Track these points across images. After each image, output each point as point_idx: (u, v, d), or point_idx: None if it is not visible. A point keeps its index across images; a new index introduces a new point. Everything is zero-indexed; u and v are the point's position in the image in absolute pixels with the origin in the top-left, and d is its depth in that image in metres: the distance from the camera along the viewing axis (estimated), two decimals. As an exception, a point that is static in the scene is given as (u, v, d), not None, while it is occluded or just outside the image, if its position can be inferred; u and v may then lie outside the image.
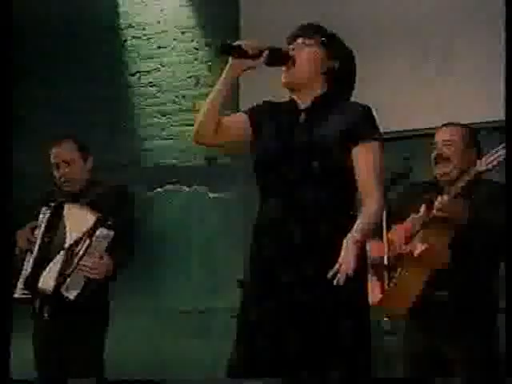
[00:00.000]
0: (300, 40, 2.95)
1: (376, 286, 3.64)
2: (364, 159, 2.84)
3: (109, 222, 3.86)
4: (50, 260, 3.91)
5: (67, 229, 3.92)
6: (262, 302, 2.80)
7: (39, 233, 3.97)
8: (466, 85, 4.86)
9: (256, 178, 2.95)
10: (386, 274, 3.55)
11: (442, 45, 4.95)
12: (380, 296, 3.60)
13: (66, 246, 3.89)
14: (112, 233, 3.87)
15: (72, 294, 3.83)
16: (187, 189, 5.93)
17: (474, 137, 3.82)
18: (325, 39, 2.96)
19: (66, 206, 3.98)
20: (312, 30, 2.98)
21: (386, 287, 3.54)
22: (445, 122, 3.86)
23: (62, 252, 3.89)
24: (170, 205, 5.93)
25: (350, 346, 2.75)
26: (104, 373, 4.11)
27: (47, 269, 3.90)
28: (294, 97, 2.98)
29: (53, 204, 4.01)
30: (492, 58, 4.55)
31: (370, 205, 2.81)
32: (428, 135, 3.90)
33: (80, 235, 3.86)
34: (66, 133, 4.45)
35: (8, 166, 3.48)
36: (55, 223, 3.96)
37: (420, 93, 4.97)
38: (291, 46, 2.95)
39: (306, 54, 2.93)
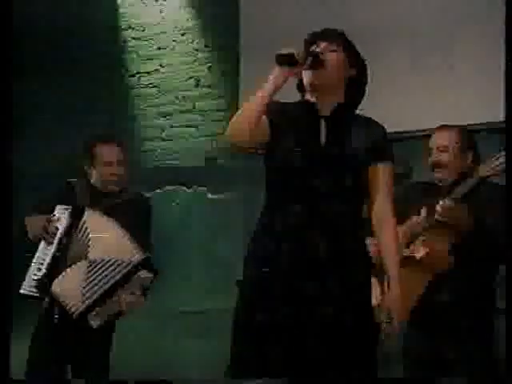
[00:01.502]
0: (323, 44, 2.90)
1: (377, 288, 3.64)
2: (383, 180, 2.88)
3: (151, 265, 3.91)
4: (65, 264, 3.90)
5: (90, 237, 3.89)
6: (277, 309, 2.77)
7: (57, 233, 3.94)
8: (466, 85, 4.86)
9: (274, 181, 2.89)
10: (386, 276, 3.56)
11: (441, 45, 4.95)
12: (381, 298, 3.60)
13: (91, 258, 3.87)
14: (152, 276, 3.91)
15: (96, 323, 3.84)
16: (187, 189, 5.93)
17: (470, 138, 3.81)
18: (347, 46, 2.94)
19: (88, 213, 3.96)
20: (335, 36, 2.94)
21: (387, 289, 3.54)
22: (438, 125, 3.86)
23: (83, 262, 3.88)
24: (170, 205, 5.93)
25: (366, 355, 2.83)
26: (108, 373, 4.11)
27: (64, 274, 3.88)
28: (313, 100, 2.93)
29: (73, 206, 3.98)
30: (492, 58, 4.55)
31: (392, 235, 2.88)
32: (428, 136, 3.90)
33: (113, 258, 3.85)
34: (65, 133, 4.44)
35: (8, 166, 3.47)
36: (75, 227, 3.94)
37: (420, 93, 4.97)
38: (317, 49, 2.89)
39: (332, 57, 2.88)
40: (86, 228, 3.90)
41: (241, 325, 2.87)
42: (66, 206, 3.97)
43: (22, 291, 3.93)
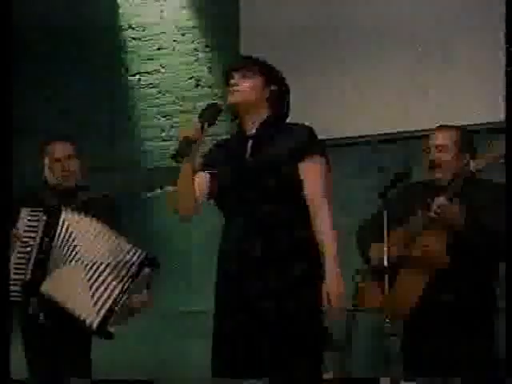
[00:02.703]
0: (239, 74, 3.10)
1: (377, 289, 3.64)
2: (311, 172, 3.03)
3: (153, 260, 3.94)
4: (50, 265, 3.88)
5: (74, 236, 3.89)
6: (233, 313, 3.00)
7: (37, 236, 3.92)
8: (466, 85, 4.86)
9: (217, 204, 3.20)
10: (386, 276, 3.56)
11: (441, 45, 4.95)
12: (381, 299, 3.60)
13: (86, 263, 3.85)
14: (151, 270, 3.93)
15: (114, 328, 3.85)
16: (187, 190, 5.92)
17: (470, 139, 3.80)
18: (262, 68, 3.14)
19: (66, 212, 3.95)
20: (248, 62, 3.15)
21: (387, 290, 3.55)
22: (438, 125, 3.86)
23: (78, 265, 3.86)
24: (170, 206, 5.92)
25: (314, 345, 2.95)
26: (91, 372, 4.08)
27: (58, 276, 3.86)
28: (241, 123, 3.17)
29: (48, 206, 3.96)
30: (492, 58, 4.55)
31: (325, 222, 2.99)
32: (428, 136, 3.90)
33: (113, 261, 3.85)
34: (64, 133, 4.45)
35: (8, 165, 3.47)
36: (54, 227, 3.93)
37: (420, 93, 4.98)
38: (232, 81, 3.10)
39: (248, 83, 3.10)
40: (68, 227, 3.90)
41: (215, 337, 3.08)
42: (34, 208, 3.94)
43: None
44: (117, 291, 3.84)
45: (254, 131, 3.13)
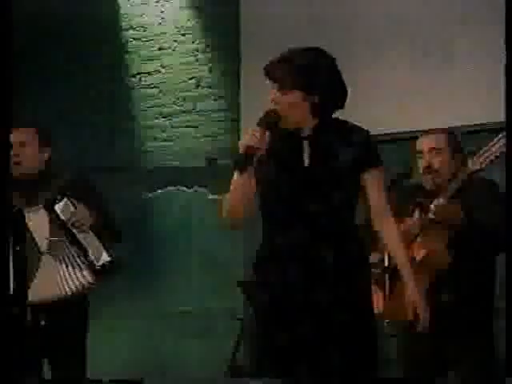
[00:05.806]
0: (274, 84, 2.84)
1: (378, 293, 3.64)
2: (375, 184, 2.93)
3: (59, 197, 3.81)
4: (25, 273, 3.84)
5: (34, 233, 3.82)
6: (292, 325, 2.83)
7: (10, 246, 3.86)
8: (466, 85, 4.87)
9: (266, 210, 2.91)
10: (386, 276, 3.56)
11: (441, 45, 4.96)
12: (382, 304, 3.60)
13: (52, 252, 3.83)
14: (66, 199, 3.80)
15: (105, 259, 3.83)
16: (187, 190, 5.93)
17: (457, 141, 3.79)
18: (299, 77, 2.83)
19: (26, 212, 3.81)
20: (286, 71, 2.83)
21: (387, 290, 3.55)
22: (426, 129, 3.85)
23: (46, 259, 3.83)
24: (171, 206, 5.93)
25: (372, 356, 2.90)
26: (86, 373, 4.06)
27: (36, 280, 3.83)
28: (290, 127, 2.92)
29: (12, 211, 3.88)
30: (492, 58, 4.55)
31: (396, 234, 2.95)
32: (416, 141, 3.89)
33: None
34: (64, 133, 4.41)
35: (6, 166, 3.47)
36: (21, 231, 3.85)
37: (420, 93, 4.98)
38: (270, 96, 2.86)
39: (286, 99, 2.84)
40: (29, 227, 3.80)
41: (263, 349, 2.92)
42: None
43: None
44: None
45: (309, 132, 2.88)
